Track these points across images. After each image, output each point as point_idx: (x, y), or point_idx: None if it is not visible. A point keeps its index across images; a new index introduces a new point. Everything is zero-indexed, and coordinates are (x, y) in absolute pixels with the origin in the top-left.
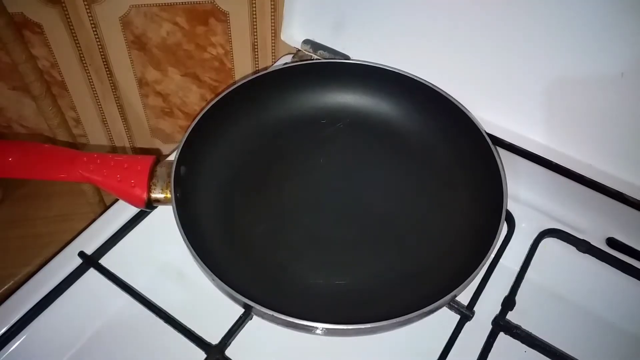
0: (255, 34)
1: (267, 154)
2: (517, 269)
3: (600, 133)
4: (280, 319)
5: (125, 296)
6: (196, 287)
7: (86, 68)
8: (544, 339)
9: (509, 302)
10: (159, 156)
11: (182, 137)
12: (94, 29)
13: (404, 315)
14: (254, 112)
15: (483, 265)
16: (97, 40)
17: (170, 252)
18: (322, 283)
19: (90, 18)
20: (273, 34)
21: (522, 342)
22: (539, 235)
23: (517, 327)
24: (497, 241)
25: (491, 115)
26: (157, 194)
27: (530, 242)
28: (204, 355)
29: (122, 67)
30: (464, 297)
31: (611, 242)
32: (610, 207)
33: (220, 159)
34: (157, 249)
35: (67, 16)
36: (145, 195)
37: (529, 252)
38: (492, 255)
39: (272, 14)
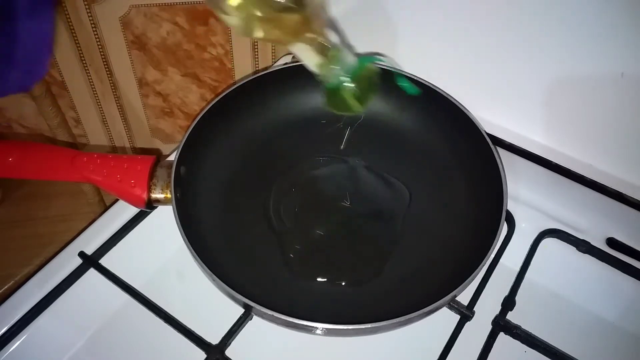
0: None
1: (267, 154)
2: (517, 269)
3: (600, 133)
4: (280, 319)
5: (125, 296)
6: (196, 287)
7: (86, 68)
8: (544, 339)
9: (509, 302)
10: (159, 156)
11: (182, 137)
12: (94, 29)
13: (404, 315)
14: (254, 112)
15: (483, 265)
16: (97, 40)
17: (170, 252)
18: (322, 283)
19: (90, 18)
20: None
21: (522, 342)
22: (539, 235)
23: (517, 327)
24: (497, 241)
25: (491, 115)
26: (157, 194)
27: (530, 242)
28: (204, 355)
29: (122, 67)
30: (464, 297)
31: (611, 242)
32: (610, 207)
33: (220, 158)
34: (157, 249)
35: (67, 16)
36: (145, 195)
37: (529, 252)
38: (492, 255)
39: None
